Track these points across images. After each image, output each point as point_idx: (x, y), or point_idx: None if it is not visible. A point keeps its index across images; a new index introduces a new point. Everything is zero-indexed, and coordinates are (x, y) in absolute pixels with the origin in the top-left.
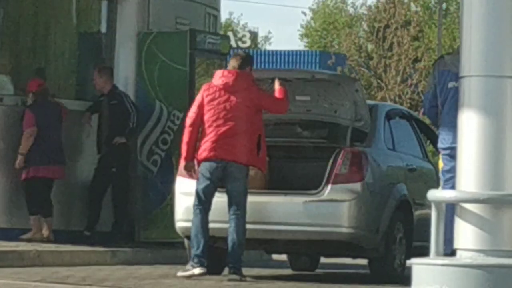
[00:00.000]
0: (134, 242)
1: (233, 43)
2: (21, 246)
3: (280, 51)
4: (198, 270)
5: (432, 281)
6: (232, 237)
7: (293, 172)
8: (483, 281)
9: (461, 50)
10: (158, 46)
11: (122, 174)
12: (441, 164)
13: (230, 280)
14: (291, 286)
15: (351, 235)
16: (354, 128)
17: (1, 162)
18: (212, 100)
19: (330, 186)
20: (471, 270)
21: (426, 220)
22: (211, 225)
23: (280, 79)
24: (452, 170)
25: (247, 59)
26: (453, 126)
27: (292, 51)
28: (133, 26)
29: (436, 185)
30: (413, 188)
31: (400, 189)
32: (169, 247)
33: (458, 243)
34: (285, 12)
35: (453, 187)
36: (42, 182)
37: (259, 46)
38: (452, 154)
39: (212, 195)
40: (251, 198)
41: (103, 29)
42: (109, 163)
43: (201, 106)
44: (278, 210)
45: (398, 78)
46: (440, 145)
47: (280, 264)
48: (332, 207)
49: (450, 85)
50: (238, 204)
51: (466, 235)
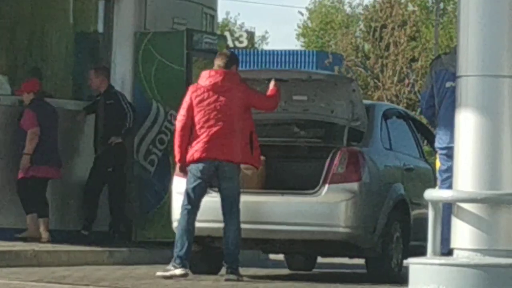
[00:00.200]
0: (131, 242)
1: (230, 43)
2: (18, 246)
3: (277, 51)
4: (179, 271)
5: (429, 280)
6: (227, 237)
7: (290, 172)
8: (480, 280)
9: (458, 50)
10: (155, 46)
11: (118, 174)
12: (438, 163)
13: (227, 280)
14: (288, 286)
15: (348, 235)
16: (351, 128)
17: None
18: (201, 101)
19: (327, 186)
20: (468, 269)
21: (423, 219)
22: (209, 224)
23: (277, 80)
24: (449, 170)
25: (233, 58)
26: (450, 126)
27: (289, 51)
28: (130, 26)
29: (433, 184)
30: (410, 187)
31: (397, 188)
32: (166, 247)
33: (455, 243)
34: (282, 12)
35: (450, 187)
36: (38, 181)
37: (256, 46)
38: (449, 153)
39: (202, 195)
40: (249, 198)
41: (100, 29)
42: (105, 163)
43: (190, 108)
44: (275, 210)
45: (395, 78)
46: (437, 144)
47: (277, 264)
48: (329, 207)
49: (447, 84)
50: (232, 203)
51: (463, 235)
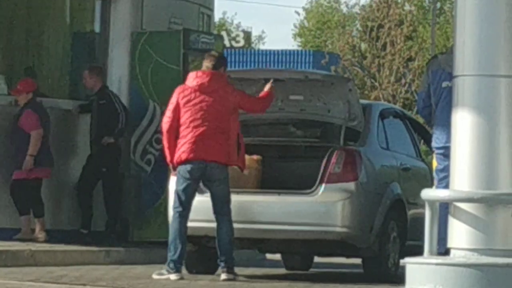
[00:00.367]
0: (128, 241)
1: (226, 43)
2: (15, 246)
3: (273, 51)
4: (174, 277)
5: (425, 280)
6: (221, 237)
7: (286, 171)
8: (477, 280)
9: (454, 50)
10: (151, 45)
11: (112, 174)
12: (435, 163)
13: (225, 280)
14: (285, 286)
15: (345, 235)
16: (347, 127)
17: None
18: (188, 101)
19: (323, 185)
20: (465, 269)
21: (420, 219)
22: (205, 224)
23: (274, 80)
24: (446, 169)
25: (221, 60)
26: (446, 126)
27: (285, 51)
28: (126, 25)
29: (430, 184)
30: (407, 187)
31: (394, 188)
32: (163, 247)
33: (451, 242)
34: (278, 11)
35: (447, 187)
36: (34, 182)
37: (253, 45)
38: (446, 153)
39: (192, 196)
40: (245, 198)
41: (97, 28)
42: (97, 163)
43: (176, 110)
44: (272, 209)
45: (392, 78)
46: (434, 144)
47: (274, 263)
48: (326, 207)
49: (444, 84)
50: (223, 204)
51: (460, 234)
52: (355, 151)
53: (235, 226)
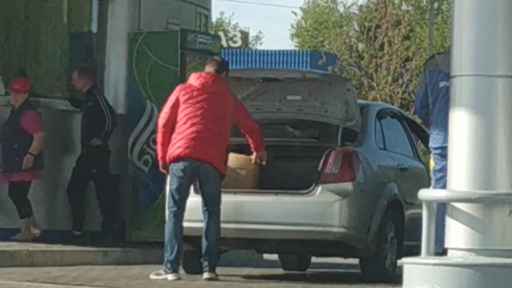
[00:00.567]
0: (126, 242)
1: (224, 43)
2: (12, 246)
3: (271, 51)
4: (171, 277)
5: (423, 280)
6: (208, 237)
7: (284, 171)
8: (474, 280)
9: (452, 50)
10: (149, 46)
11: (102, 175)
12: (432, 163)
13: (206, 279)
14: (283, 286)
15: (342, 235)
16: (345, 127)
17: None
18: (189, 98)
19: (321, 185)
20: (462, 269)
21: (417, 219)
22: (203, 224)
23: (271, 80)
24: (443, 170)
25: (223, 65)
26: (444, 126)
27: (283, 51)
28: (124, 26)
29: (427, 184)
30: (404, 187)
31: (391, 188)
32: (160, 247)
33: (449, 243)
34: (276, 12)
35: (444, 187)
36: (28, 184)
37: (250, 45)
38: (443, 153)
39: (186, 195)
40: (242, 198)
41: (94, 29)
42: (86, 164)
43: (174, 106)
44: (269, 209)
45: (389, 78)
46: (431, 144)
47: (271, 263)
48: (323, 207)
49: (441, 84)
50: (213, 204)
51: (457, 235)
52: (353, 152)
53: (233, 226)
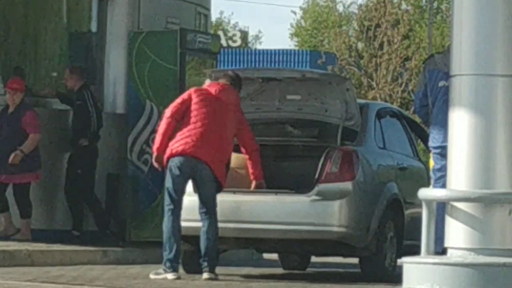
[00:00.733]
0: (125, 241)
1: (223, 42)
2: (12, 246)
3: (270, 50)
4: (171, 276)
5: (423, 279)
6: (207, 237)
7: (283, 171)
8: (474, 279)
9: (451, 49)
10: (148, 45)
11: (88, 175)
12: (431, 163)
13: (206, 279)
14: (283, 286)
15: (342, 234)
16: (344, 127)
17: None
18: (202, 100)
19: (321, 185)
20: (462, 268)
21: (417, 219)
22: (200, 224)
23: (270, 79)
24: (442, 169)
25: (237, 81)
26: (443, 125)
27: (282, 50)
28: (123, 25)
29: (427, 184)
30: (404, 187)
31: (391, 188)
32: (160, 246)
33: (448, 242)
34: (275, 11)
35: (443, 186)
36: (27, 185)
37: (250, 45)
38: (443, 153)
39: (183, 193)
40: (242, 197)
41: (94, 28)
42: (74, 164)
43: (186, 103)
44: (269, 209)
45: (389, 77)
46: (431, 143)
47: (271, 263)
48: (323, 206)
49: (441, 84)
50: (211, 205)
51: (457, 234)
52: (352, 151)
53: (232, 225)
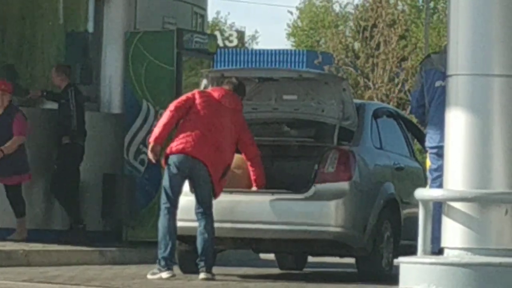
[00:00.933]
0: (122, 241)
1: (220, 43)
2: (8, 246)
3: (267, 50)
4: (165, 274)
5: (419, 279)
6: (204, 237)
7: (280, 171)
8: (471, 279)
9: (448, 49)
10: (145, 45)
11: (67, 173)
12: (428, 163)
13: (203, 279)
14: (279, 286)
15: (339, 234)
16: (341, 127)
17: None
18: (204, 102)
19: (317, 185)
20: (459, 268)
21: (414, 218)
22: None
23: (267, 79)
24: (439, 169)
25: (240, 88)
26: (440, 125)
27: (279, 50)
28: (120, 25)
29: (423, 183)
30: (400, 187)
31: (387, 188)
32: (156, 247)
33: (445, 242)
34: (272, 11)
35: (440, 186)
36: (18, 185)
37: (246, 45)
38: (439, 152)
39: (180, 192)
40: (239, 197)
41: (90, 28)
42: (57, 162)
43: (189, 101)
44: (265, 209)
45: (385, 77)
46: (427, 143)
47: (267, 263)
48: (319, 206)
49: (437, 84)
50: (207, 205)
51: (454, 234)
52: (349, 151)
53: (229, 225)
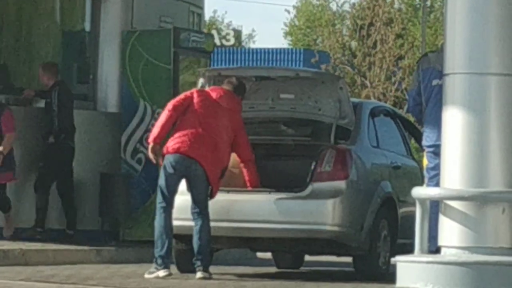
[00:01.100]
0: (119, 240)
1: (217, 41)
2: (5, 245)
3: (264, 49)
4: (162, 273)
5: (416, 278)
6: (200, 237)
7: (277, 170)
8: (468, 278)
9: (445, 48)
10: (142, 44)
11: (55, 173)
12: (425, 161)
13: (200, 278)
14: (276, 284)
15: (336, 233)
16: (338, 126)
17: None
18: (202, 101)
19: (314, 184)
20: (456, 267)
21: (411, 217)
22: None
23: (264, 78)
24: (436, 168)
25: (240, 88)
26: (437, 124)
27: (276, 49)
28: (117, 24)
29: (420, 182)
30: (397, 185)
31: (384, 186)
32: (153, 245)
33: (442, 241)
34: (269, 10)
35: (437, 185)
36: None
37: (243, 44)
38: (436, 151)
39: (175, 191)
40: (236, 196)
41: (87, 27)
42: (43, 160)
43: (187, 99)
44: (262, 208)
45: (382, 76)
46: (424, 142)
47: (264, 262)
48: (316, 205)
49: (434, 82)
50: (203, 204)
51: (451, 233)
52: (346, 150)
53: (226, 224)
